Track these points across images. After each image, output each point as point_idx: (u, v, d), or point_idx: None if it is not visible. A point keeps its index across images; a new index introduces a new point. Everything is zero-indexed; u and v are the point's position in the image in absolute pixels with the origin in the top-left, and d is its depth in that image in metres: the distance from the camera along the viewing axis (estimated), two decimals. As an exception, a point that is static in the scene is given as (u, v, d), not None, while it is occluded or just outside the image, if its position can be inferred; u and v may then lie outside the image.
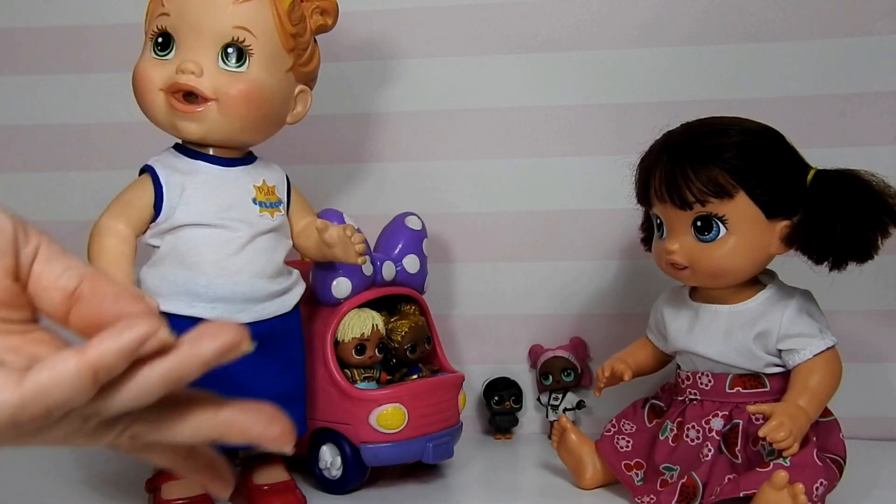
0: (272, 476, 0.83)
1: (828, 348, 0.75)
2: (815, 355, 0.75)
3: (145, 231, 0.77)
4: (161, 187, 0.77)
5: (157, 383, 0.33)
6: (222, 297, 0.76)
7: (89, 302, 0.37)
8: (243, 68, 0.76)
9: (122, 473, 0.90)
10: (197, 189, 0.77)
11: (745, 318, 0.77)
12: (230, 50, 0.75)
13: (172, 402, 0.35)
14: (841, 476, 0.75)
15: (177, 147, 0.80)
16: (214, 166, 0.79)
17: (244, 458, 0.84)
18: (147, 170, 0.78)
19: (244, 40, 0.76)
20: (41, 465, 0.93)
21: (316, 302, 0.85)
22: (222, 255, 0.76)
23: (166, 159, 0.79)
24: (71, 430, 0.34)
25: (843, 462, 0.76)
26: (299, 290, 0.82)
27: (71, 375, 0.32)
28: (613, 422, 0.85)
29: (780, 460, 0.71)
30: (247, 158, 0.82)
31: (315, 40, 0.83)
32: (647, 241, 0.86)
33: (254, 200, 0.79)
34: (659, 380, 0.89)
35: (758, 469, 0.72)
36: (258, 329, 0.77)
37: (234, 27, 0.75)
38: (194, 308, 0.76)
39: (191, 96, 0.75)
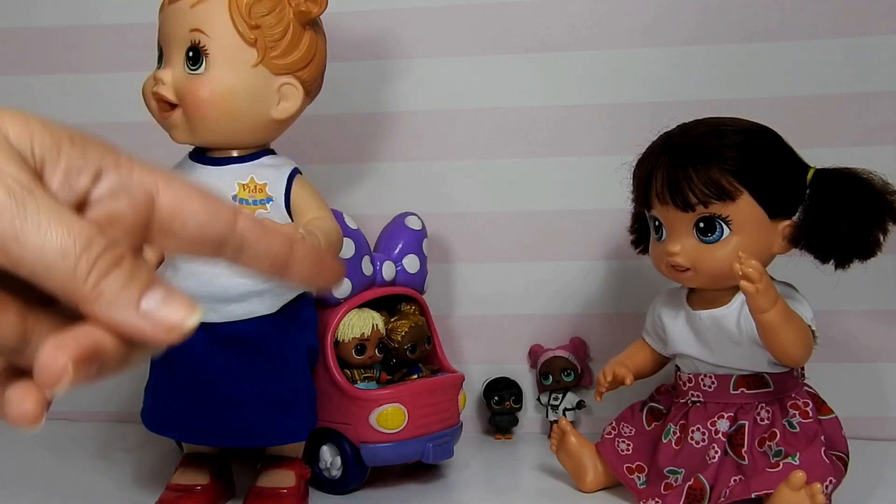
0: (274, 480, 0.81)
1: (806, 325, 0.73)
2: None
3: None
4: None
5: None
6: (193, 297, 0.76)
7: None
8: (200, 70, 0.77)
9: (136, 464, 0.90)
10: None
11: (733, 319, 0.76)
12: (190, 54, 0.77)
13: None
14: (846, 472, 0.75)
15: (191, 151, 0.82)
16: (208, 167, 0.80)
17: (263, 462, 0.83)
18: None
19: (199, 42, 0.76)
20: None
21: (316, 302, 0.85)
22: None
23: (181, 164, 0.82)
24: None
25: (847, 458, 0.76)
26: (291, 291, 0.79)
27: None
28: (613, 424, 0.85)
29: (789, 459, 0.71)
30: (246, 157, 0.80)
31: (308, 27, 0.79)
32: (637, 244, 0.86)
33: (234, 197, 0.78)
34: (654, 381, 0.89)
35: (767, 470, 0.72)
36: (230, 330, 0.77)
37: (191, 31, 0.77)
38: None
39: (164, 103, 0.78)
